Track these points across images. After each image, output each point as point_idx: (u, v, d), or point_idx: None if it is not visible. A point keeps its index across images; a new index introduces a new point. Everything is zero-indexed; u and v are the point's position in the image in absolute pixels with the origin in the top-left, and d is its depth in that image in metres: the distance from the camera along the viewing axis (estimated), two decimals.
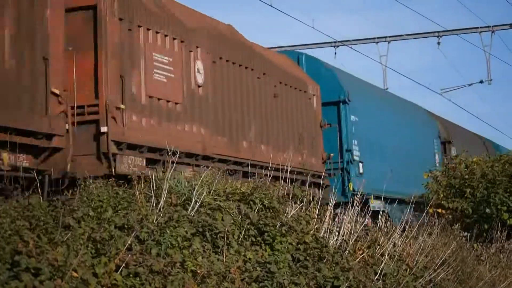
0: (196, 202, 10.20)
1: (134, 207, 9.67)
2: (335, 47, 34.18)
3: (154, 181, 10.39)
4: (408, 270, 12.52)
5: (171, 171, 10.69)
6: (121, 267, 8.09)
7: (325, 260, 10.72)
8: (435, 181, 19.70)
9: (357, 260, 11.54)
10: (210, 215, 10.11)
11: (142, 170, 13.02)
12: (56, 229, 8.17)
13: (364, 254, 11.83)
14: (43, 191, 10.74)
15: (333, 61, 34.95)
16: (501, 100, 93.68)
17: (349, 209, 12.12)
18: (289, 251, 10.53)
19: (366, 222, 12.76)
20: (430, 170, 20.92)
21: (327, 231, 11.57)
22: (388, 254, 12.24)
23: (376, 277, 11.51)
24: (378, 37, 34.69)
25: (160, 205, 9.94)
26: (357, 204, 12.25)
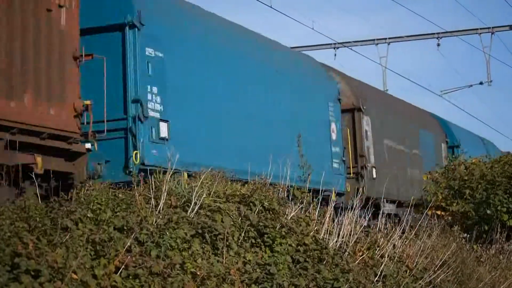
0: (195, 203, 10.20)
1: (133, 209, 9.67)
2: (335, 48, 34.27)
3: (153, 182, 10.38)
4: (408, 271, 12.52)
5: (170, 172, 10.69)
6: (121, 268, 8.09)
7: (325, 262, 10.72)
8: (434, 182, 19.70)
9: (357, 261, 11.54)
10: (209, 217, 10.11)
11: None
12: (55, 231, 8.16)
13: (364, 256, 11.83)
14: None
15: (332, 62, 34.91)
16: (501, 101, 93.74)
17: (348, 211, 12.10)
18: (289, 252, 10.52)
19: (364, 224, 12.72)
20: (430, 171, 20.90)
21: (326, 233, 11.57)
22: (388, 255, 12.23)
23: (376, 278, 11.50)
24: (377, 39, 34.78)
25: (159, 207, 9.93)
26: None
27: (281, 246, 10.47)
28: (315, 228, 11.49)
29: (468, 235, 17.16)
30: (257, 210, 10.98)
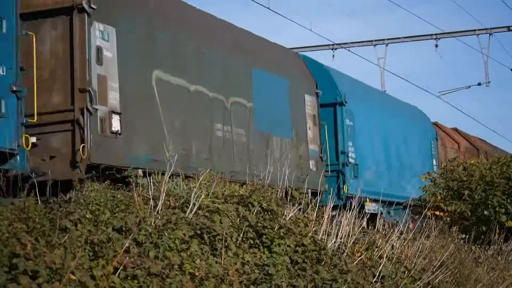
0: (194, 204, 10.19)
1: (132, 210, 9.67)
2: (333, 49, 34.25)
3: (152, 183, 10.38)
4: (406, 272, 12.52)
5: (169, 173, 10.70)
6: (119, 269, 8.08)
7: (323, 263, 10.72)
8: (433, 183, 19.71)
9: (355, 262, 11.54)
10: (208, 218, 10.11)
11: None
12: (53, 231, 8.16)
13: (362, 256, 11.83)
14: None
15: (331, 63, 35.00)
16: (499, 102, 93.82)
17: (346, 211, 12.11)
18: (287, 253, 10.52)
19: (363, 225, 12.74)
20: (428, 172, 20.91)
21: (325, 234, 11.57)
22: (386, 256, 12.23)
23: (374, 279, 11.50)
24: (376, 40, 34.77)
25: (158, 208, 9.93)
26: (354, 206, 12.24)
27: (279, 247, 10.47)
28: (313, 229, 11.49)
29: (467, 236, 17.16)
30: (255, 210, 10.99)
